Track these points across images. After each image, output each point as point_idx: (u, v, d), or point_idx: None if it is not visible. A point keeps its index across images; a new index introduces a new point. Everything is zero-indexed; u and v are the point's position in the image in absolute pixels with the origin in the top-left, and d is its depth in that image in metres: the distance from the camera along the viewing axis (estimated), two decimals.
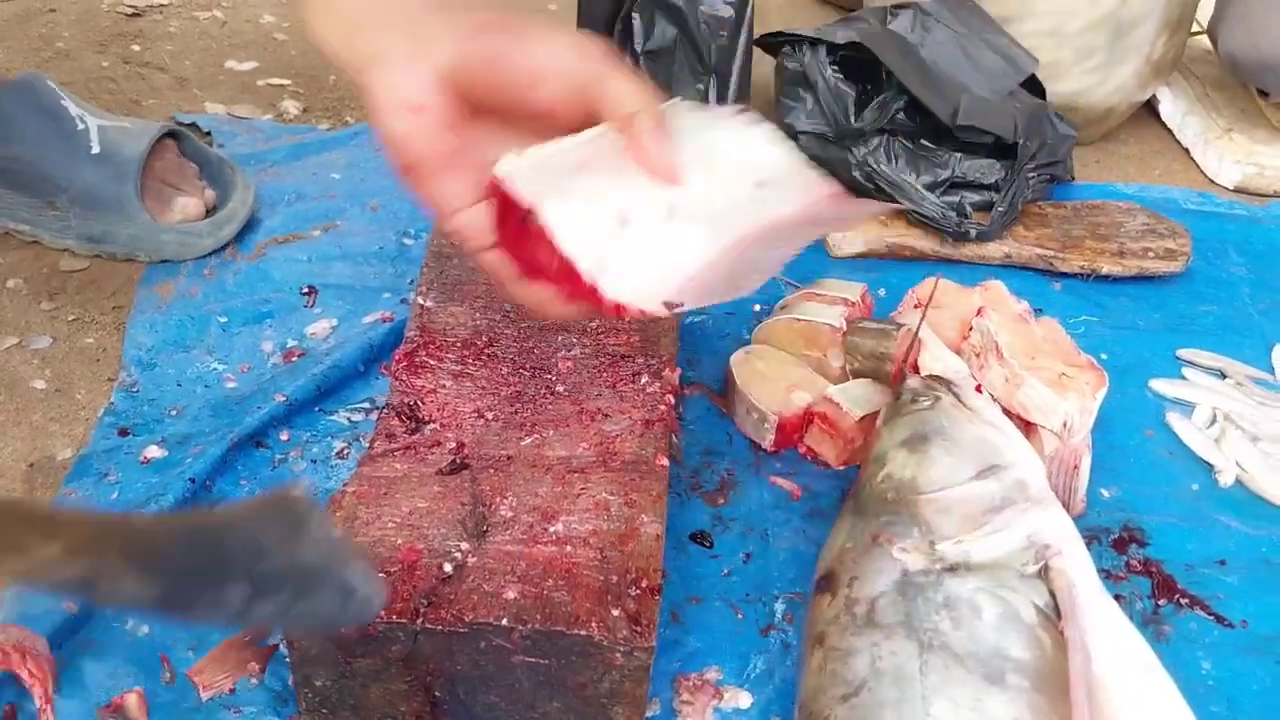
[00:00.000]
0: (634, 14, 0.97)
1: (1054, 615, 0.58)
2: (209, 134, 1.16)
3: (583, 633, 0.56)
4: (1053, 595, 0.59)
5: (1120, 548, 0.77)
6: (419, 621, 0.57)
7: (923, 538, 0.62)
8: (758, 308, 0.96)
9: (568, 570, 0.60)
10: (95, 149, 0.93)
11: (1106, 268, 1.02)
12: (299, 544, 0.53)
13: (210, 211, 0.99)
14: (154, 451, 0.76)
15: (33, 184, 0.93)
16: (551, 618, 0.57)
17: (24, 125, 0.93)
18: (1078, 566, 0.61)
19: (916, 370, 0.78)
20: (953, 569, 0.60)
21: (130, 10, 1.43)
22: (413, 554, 0.60)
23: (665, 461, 0.68)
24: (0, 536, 0.49)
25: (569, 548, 0.62)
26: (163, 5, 1.46)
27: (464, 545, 0.61)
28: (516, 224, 0.53)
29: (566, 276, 0.54)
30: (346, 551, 0.55)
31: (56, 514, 0.56)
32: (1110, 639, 0.58)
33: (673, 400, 0.74)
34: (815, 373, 0.83)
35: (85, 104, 0.97)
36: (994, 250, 1.03)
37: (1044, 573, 0.60)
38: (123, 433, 0.78)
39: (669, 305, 0.57)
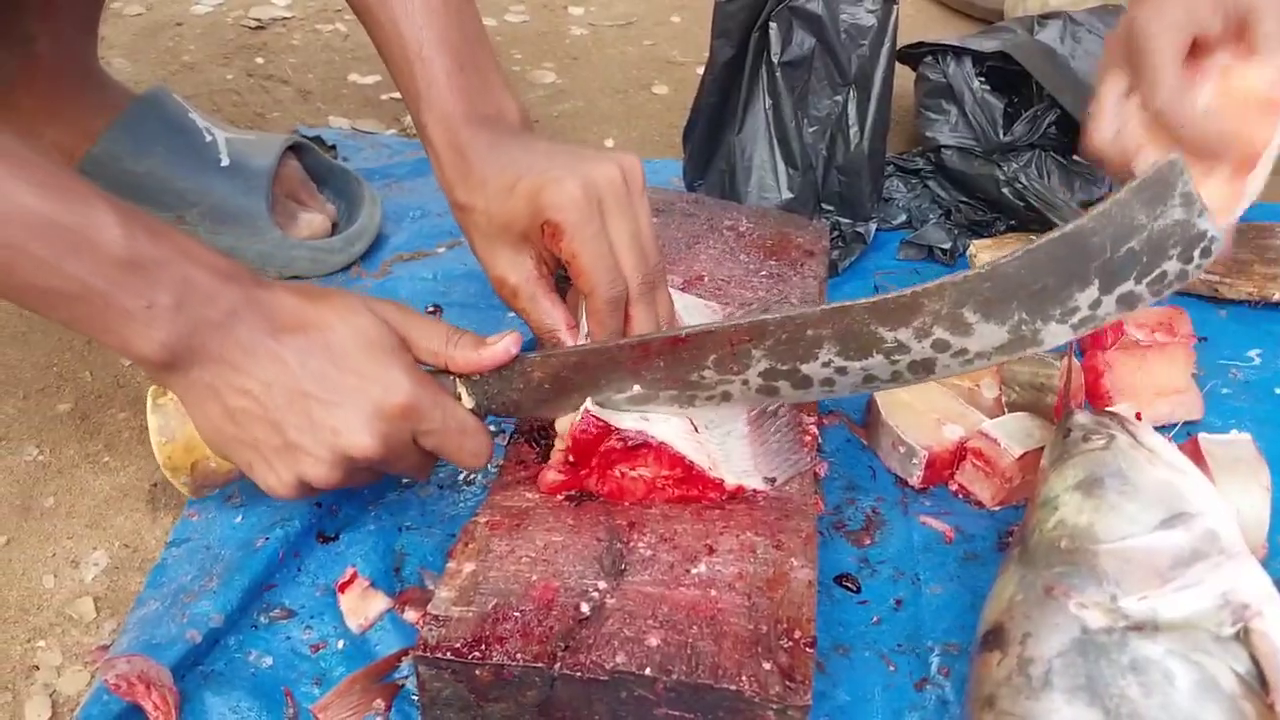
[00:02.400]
0: (771, 23, 0.93)
1: (1257, 684, 0.52)
2: (333, 147, 1.14)
3: (733, 687, 0.53)
4: (1255, 661, 0.53)
5: None
6: (556, 666, 0.53)
7: (1103, 592, 0.56)
8: None
9: (713, 617, 0.56)
10: (225, 161, 0.92)
11: (1278, 295, 0.95)
12: (1160, 214, 0.54)
13: (334, 225, 0.97)
14: None
15: (163, 198, 0.92)
16: (698, 669, 0.53)
17: (154, 139, 0.92)
18: None
19: (1079, 403, 0.73)
20: (1138, 628, 0.54)
21: (254, 24, 1.44)
22: (549, 592, 0.57)
23: (814, 499, 0.64)
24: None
25: (713, 591, 0.58)
26: (286, 19, 1.47)
27: (601, 584, 0.58)
28: (611, 449, 0.64)
29: (685, 475, 0.64)
30: (1199, 203, 0.55)
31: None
32: None
33: (815, 431, 0.70)
34: (966, 404, 0.78)
35: (209, 116, 0.96)
36: None
37: (1243, 635, 0.54)
38: None
39: (768, 480, 0.66)
